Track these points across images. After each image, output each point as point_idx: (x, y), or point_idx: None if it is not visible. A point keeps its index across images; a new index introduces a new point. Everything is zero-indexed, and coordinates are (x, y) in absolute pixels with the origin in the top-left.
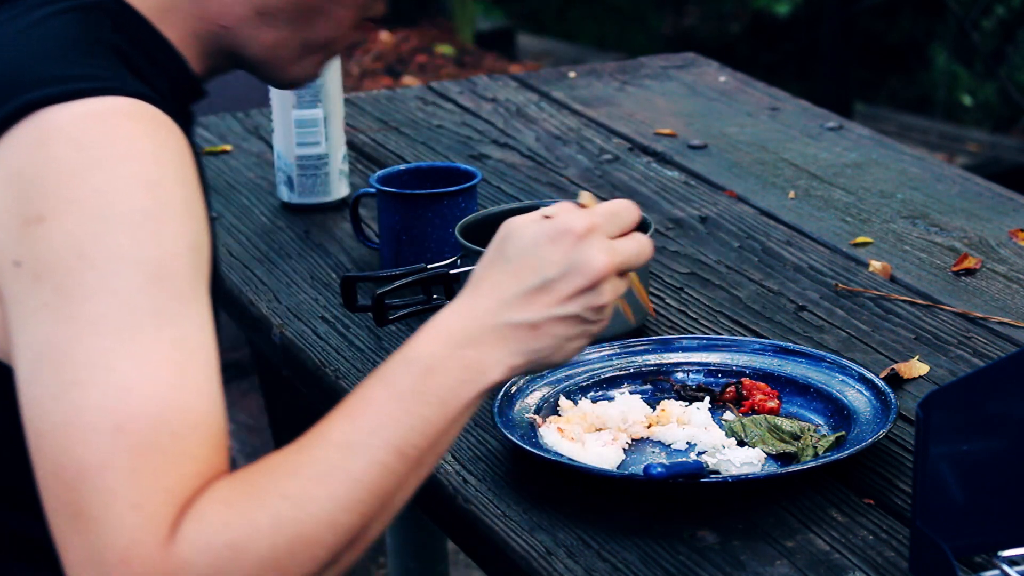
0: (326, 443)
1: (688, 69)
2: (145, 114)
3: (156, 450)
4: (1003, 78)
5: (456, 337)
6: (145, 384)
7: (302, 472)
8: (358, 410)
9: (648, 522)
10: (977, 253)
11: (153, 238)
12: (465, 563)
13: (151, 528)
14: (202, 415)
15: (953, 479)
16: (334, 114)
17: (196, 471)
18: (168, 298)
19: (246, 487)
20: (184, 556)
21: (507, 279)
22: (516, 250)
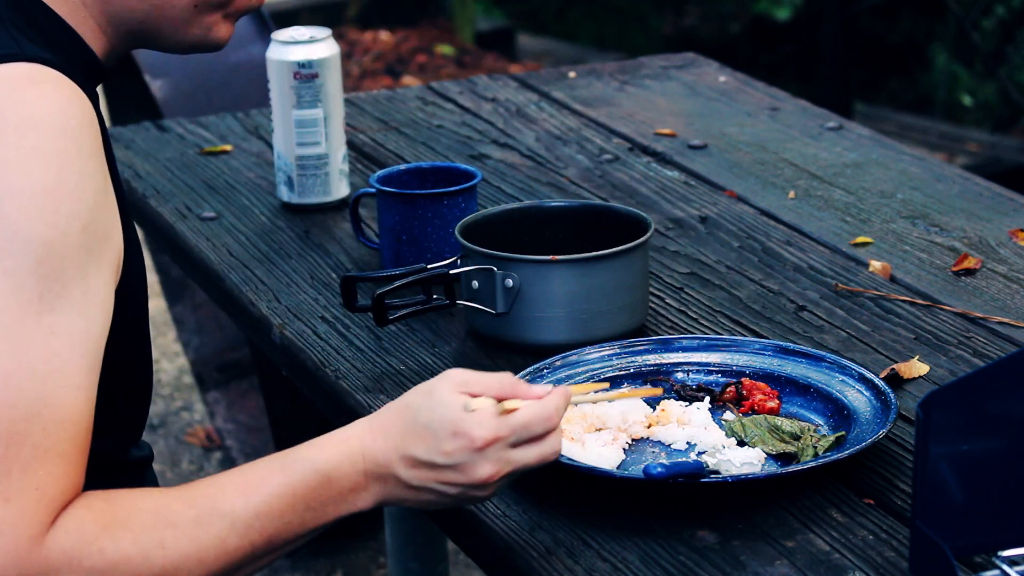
0: (213, 510)
1: (688, 69)
2: (47, 78)
3: (26, 443)
4: (1003, 78)
5: (356, 464)
6: (20, 375)
7: (181, 528)
8: (252, 490)
9: (648, 522)
10: (977, 253)
11: (46, 216)
12: (465, 563)
13: (20, 524)
14: (73, 411)
15: (953, 479)
16: (334, 114)
17: (64, 471)
18: (53, 281)
19: (127, 518)
20: (53, 563)
21: (410, 438)
22: (427, 419)
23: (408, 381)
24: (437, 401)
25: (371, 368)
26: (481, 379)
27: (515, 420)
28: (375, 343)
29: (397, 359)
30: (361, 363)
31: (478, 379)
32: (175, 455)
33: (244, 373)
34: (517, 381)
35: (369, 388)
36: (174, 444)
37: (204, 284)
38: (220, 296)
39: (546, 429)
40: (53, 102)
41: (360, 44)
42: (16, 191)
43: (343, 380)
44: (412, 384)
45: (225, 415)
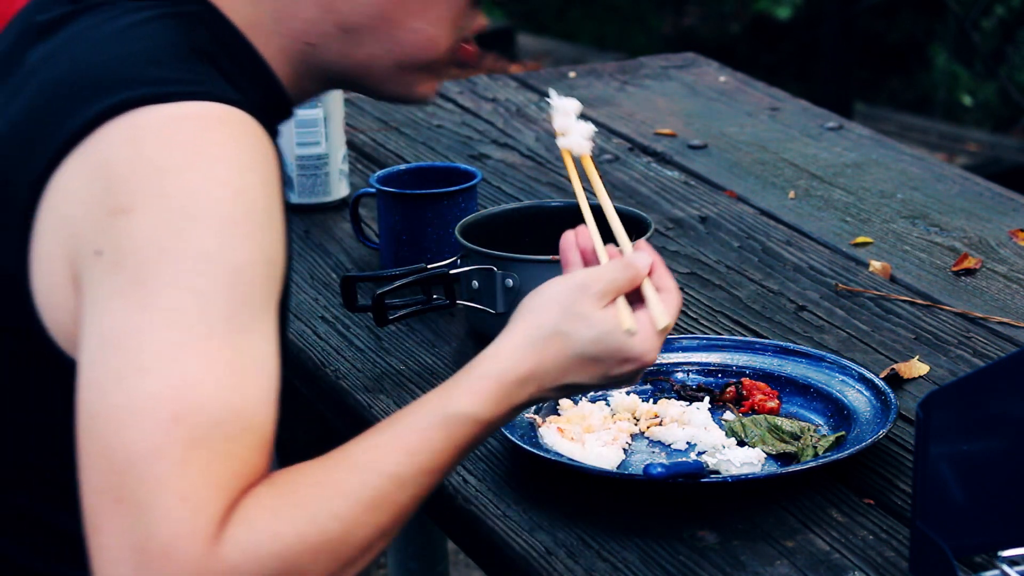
0: (380, 473)
1: (688, 69)
2: (236, 121)
3: (209, 447)
4: (1003, 78)
5: (514, 401)
6: (208, 382)
7: (355, 496)
8: (417, 448)
9: (648, 522)
10: (977, 253)
11: (235, 244)
12: (465, 563)
13: (198, 523)
14: (257, 423)
15: (953, 479)
16: (334, 114)
17: (244, 473)
18: (241, 306)
19: (295, 499)
20: (231, 560)
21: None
22: (593, 353)
23: (408, 381)
24: (596, 329)
25: (371, 368)
26: (612, 280)
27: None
28: (375, 343)
29: (397, 359)
30: (361, 363)
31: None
32: None
33: None
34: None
35: (369, 388)
36: None
37: None
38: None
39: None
40: (241, 141)
41: None
42: (207, 217)
43: (343, 380)
44: (412, 384)
45: None
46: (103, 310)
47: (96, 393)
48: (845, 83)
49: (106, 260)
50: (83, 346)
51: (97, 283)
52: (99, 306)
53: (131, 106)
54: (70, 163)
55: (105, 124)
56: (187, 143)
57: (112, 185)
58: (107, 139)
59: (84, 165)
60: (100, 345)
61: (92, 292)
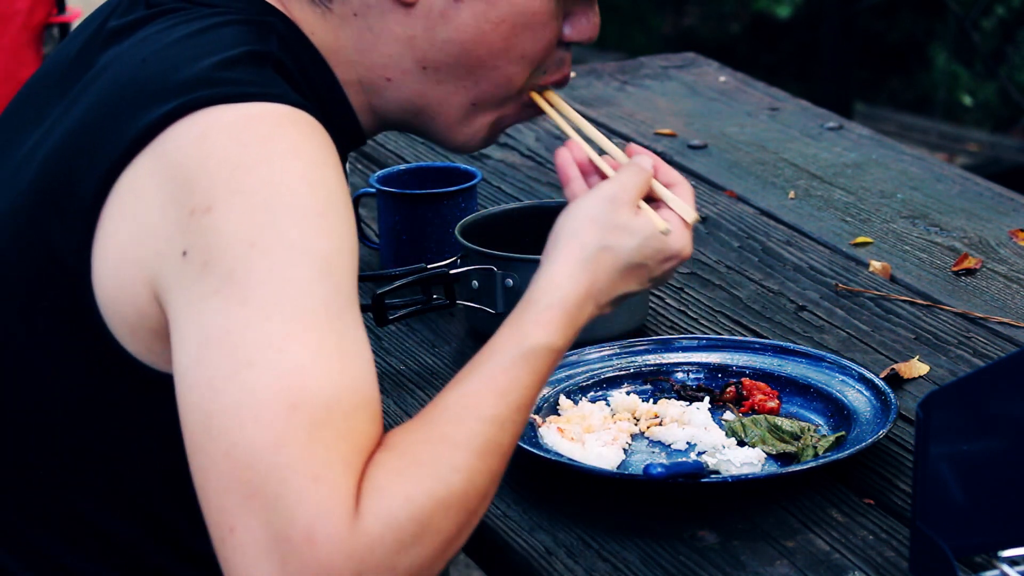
0: (481, 418)
1: (688, 69)
2: (304, 121)
3: (329, 427)
4: (1003, 78)
5: (579, 323)
6: (317, 367)
7: (466, 445)
8: (505, 387)
9: (648, 522)
10: (977, 253)
11: (320, 234)
12: (465, 563)
13: (336, 501)
14: (367, 397)
15: (953, 479)
16: None
17: (366, 445)
18: (335, 292)
19: (414, 458)
20: (373, 532)
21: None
22: (638, 259)
23: (408, 381)
24: (638, 236)
25: None
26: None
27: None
28: (375, 343)
29: (397, 359)
30: None
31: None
32: None
33: None
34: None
35: None
36: None
37: None
38: None
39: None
40: (311, 138)
41: None
42: (290, 209)
43: None
44: (412, 384)
45: None
46: (199, 311)
47: (207, 393)
48: (845, 83)
49: (193, 260)
50: (181, 349)
51: (188, 285)
52: (194, 307)
53: (200, 105)
54: (139, 163)
55: (175, 124)
56: (259, 140)
57: (189, 184)
58: (177, 139)
59: (155, 165)
60: (203, 345)
61: (183, 294)
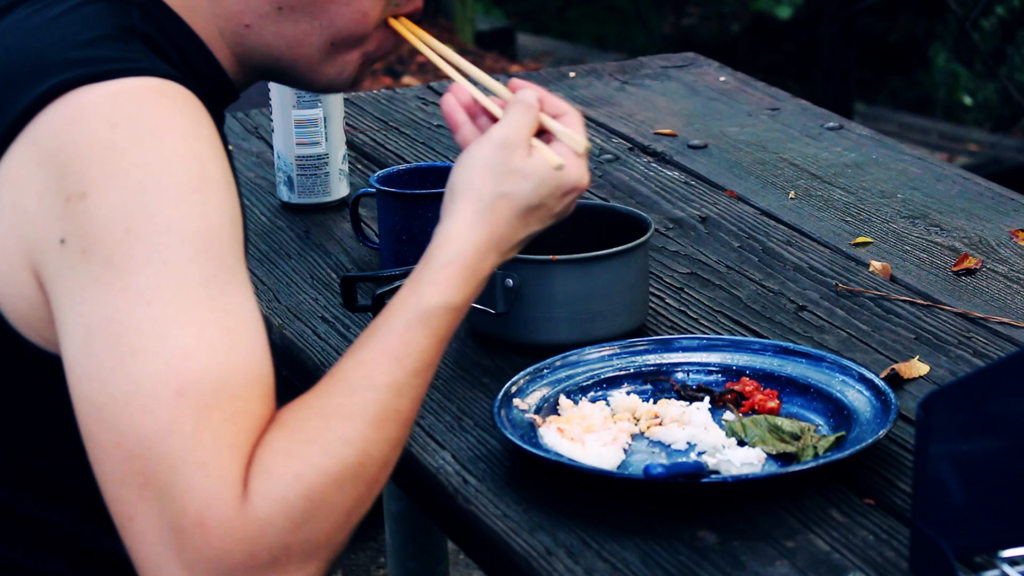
0: (375, 386)
1: (688, 69)
2: (175, 93)
3: (218, 411)
4: (1003, 78)
5: (480, 274)
6: (202, 350)
7: (359, 416)
8: (401, 351)
9: (648, 522)
10: (977, 253)
11: (197, 210)
12: (465, 563)
13: (223, 487)
14: (256, 375)
15: (953, 479)
16: (334, 114)
17: (255, 426)
18: (216, 268)
19: (305, 435)
20: (262, 514)
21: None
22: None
23: None
24: (533, 178)
25: None
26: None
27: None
28: None
29: None
30: None
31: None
32: None
33: None
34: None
35: None
36: None
37: None
38: None
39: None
40: (184, 111)
41: None
42: (165, 188)
43: None
44: None
45: None
46: (81, 300)
47: (96, 384)
48: (845, 83)
49: (72, 248)
50: (67, 339)
51: (67, 273)
52: (76, 296)
53: (69, 87)
54: (16, 150)
55: (45, 109)
56: (130, 119)
57: (62, 170)
58: (50, 123)
59: (30, 151)
60: (87, 336)
61: (64, 282)
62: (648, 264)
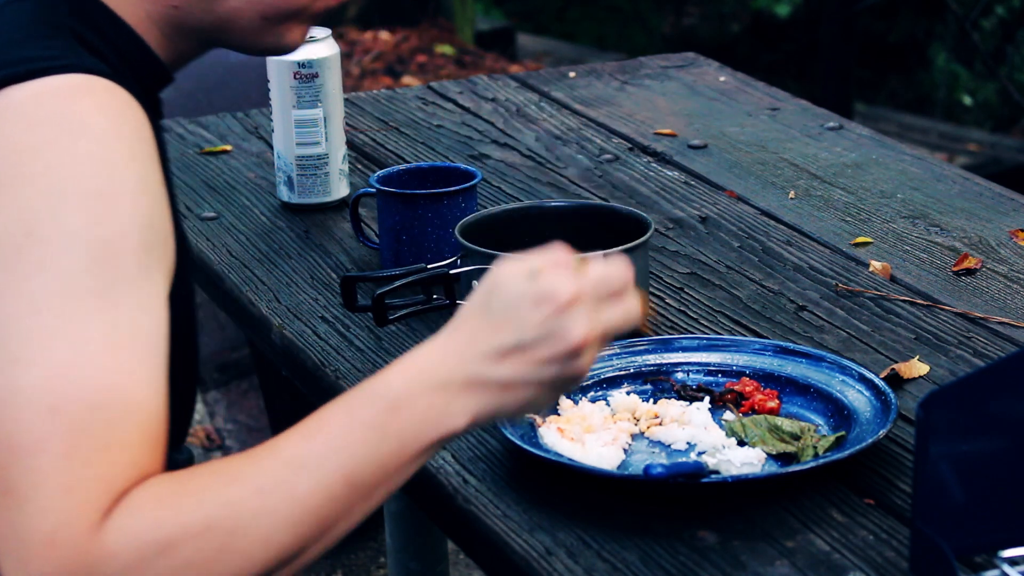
0: (276, 458)
1: (688, 69)
2: (101, 89)
3: (90, 435)
4: (1003, 78)
5: (427, 378)
6: (82, 367)
7: (245, 481)
8: (314, 431)
9: (648, 522)
10: (977, 253)
11: (103, 217)
12: (465, 563)
13: (82, 513)
14: (138, 402)
15: (953, 479)
16: (334, 114)
17: (130, 460)
18: (114, 279)
19: (185, 487)
20: (110, 546)
21: (486, 332)
22: (499, 304)
23: None
24: (505, 285)
25: (371, 368)
26: (531, 256)
27: (592, 273)
28: (375, 343)
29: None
30: (361, 363)
31: (531, 256)
32: None
33: (244, 373)
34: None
35: None
36: None
37: (204, 284)
38: (220, 296)
39: (622, 283)
40: (107, 110)
41: (360, 44)
42: (70, 194)
43: (343, 380)
44: None
45: (225, 415)
46: None
47: None
48: (845, 83)
49: None
50: None
51: None
52: None
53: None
54: None
55: None
56: (49, 119)
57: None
58: None
59: None
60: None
61: None
62: (648, 264)
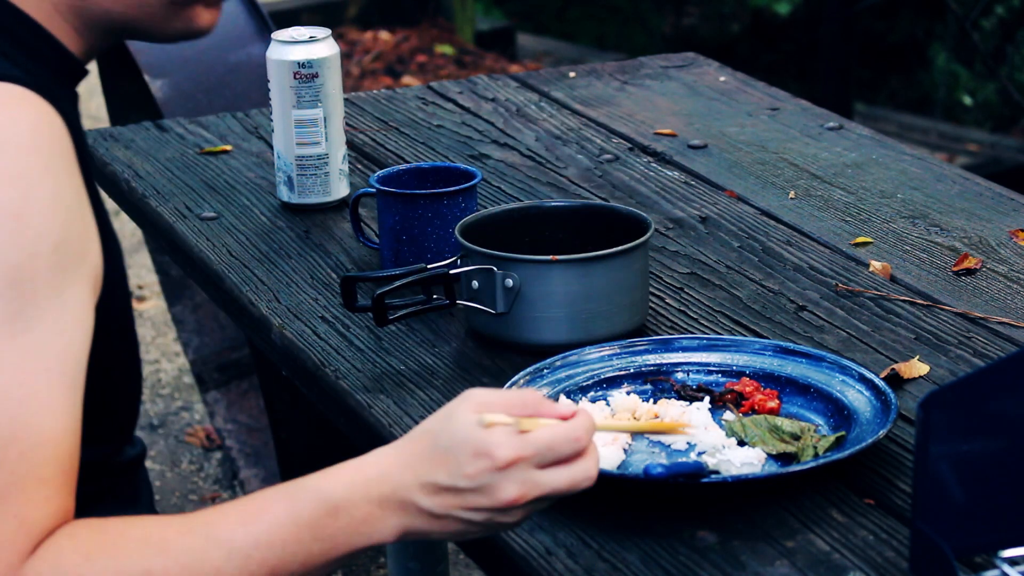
0: (208, 537)
1: (688, 69)
2: (13, 97)
3: (4, 469)
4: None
5: (368, 490)
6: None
7: (174, 555)
8: (253, 518)
9: (648, 522)
10: (977, 253)
11: (12, 239)
12: (465, 563)
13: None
14: (52, 433)
15: (953, 479)
16: (334, 114)
17: (45, 497)
18: (23, 304)
19: (111, 547)
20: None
21: (427, 464)
22: (445, 441)
23: (408, 381)
24: (456, 423)
25: (371, 368)
26: (503, 397)
27: (538, 438)
28: (375, 343)
29: (397, 359)
30: (361, 363)
31: (499, 397)
32: (175, 455)
33: (244, 373)
34: (541, 399)
35: (369, 388)
36: (174, 444)
37: (204, 284)
38: (220, 296)
39: (574, 450)
40: (20, 122)
41: (360, 44)
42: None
43: (343, 380)
44: (412, 384)
45: (225, 415)
46: None
47: None
48: (845, 83)
49: None
50: None
51: None
52: None
53: None
54: None
55: None
56: None
57: None
58: None
59: None
60: None
61: None
62: (648, 264)
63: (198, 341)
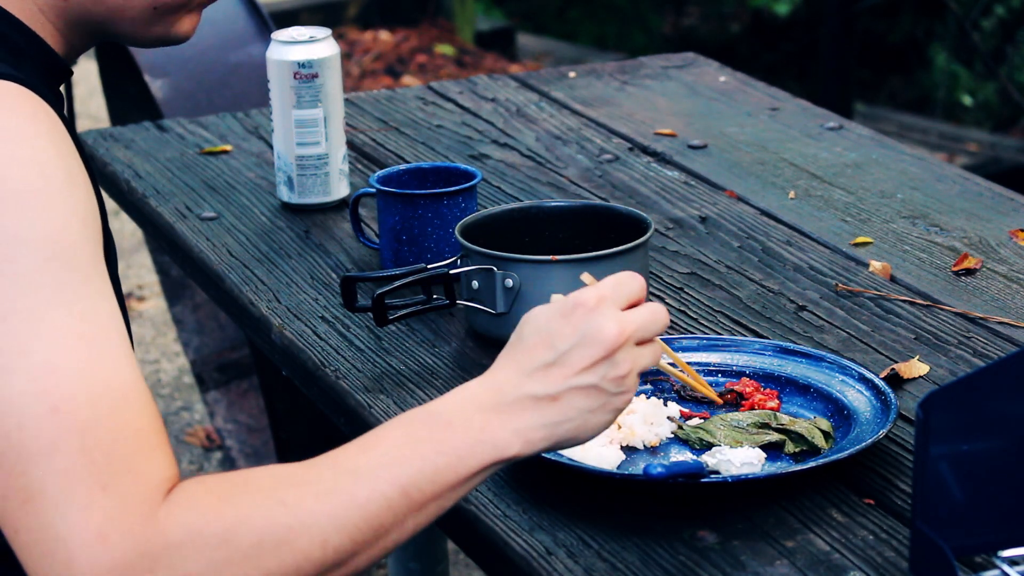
0: (334, 466)
1: (688, 69)
2: (8, 94)
3: (100, 427)
4: (1003, 78)
5: (480, 401)
6: (68, 363)
7: (305, 486)
8: (372, 443)
9: (648, 522)
10: (977, 253)
11: (43, 215)
12: (465, 563)
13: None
14: (128, 384)
15: (953, 479)
16: (334, 114)
17: (145, 444)
18: (69, 273)
19: (244, 487)
20: (172, 538)
21: (524, 356)
22: (531, 330)
23: (408, 381)
24: (532, 316)
25: (371, 368)
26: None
27: (607, 280)
28: (375, 343)
29: (397, 359)
30: (361, 363)
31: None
32: (175, 455)
33: (244, 373)
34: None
35: (369, 388)
36: (174, 444)
37: (204, 284)
38: (220, 296)
39: (640, 286)
40: (19, 111)
41: (360, 44)
42: (4, 198)
43: (343, 380)
44: (412, 384)
45: (225, 415)
46: None
47: None
48: (845, 83)
49: None
50: None
51: None
52: None
53: None
54: None
55: None
56: None
57: None
58: None
59: None
60: None
61: None
62: (648, 264)
63: (198, 341)
